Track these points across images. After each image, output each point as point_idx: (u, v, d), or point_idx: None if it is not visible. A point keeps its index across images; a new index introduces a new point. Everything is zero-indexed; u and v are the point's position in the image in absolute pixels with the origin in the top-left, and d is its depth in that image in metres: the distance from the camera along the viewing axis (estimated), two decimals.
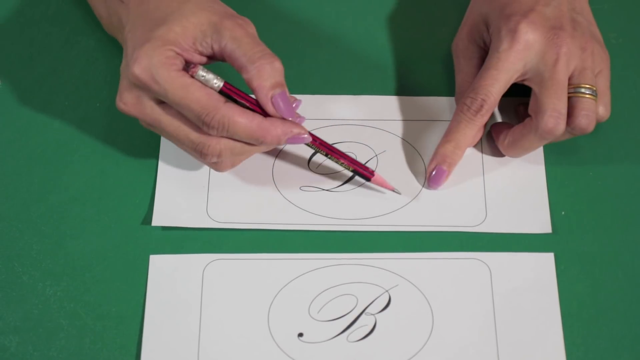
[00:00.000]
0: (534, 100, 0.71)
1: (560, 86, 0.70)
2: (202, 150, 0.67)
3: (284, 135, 0.67)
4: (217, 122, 0.66)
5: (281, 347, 0.68)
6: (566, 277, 0.71)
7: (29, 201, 0.74)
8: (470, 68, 0.75)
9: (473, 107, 0.71)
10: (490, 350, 0.68)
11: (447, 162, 0.73)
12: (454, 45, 0.77)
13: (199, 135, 0.67)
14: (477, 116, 0.72)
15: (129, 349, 0.68)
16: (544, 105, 0.70)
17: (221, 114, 0.66)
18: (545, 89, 0.70)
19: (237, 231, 0.73)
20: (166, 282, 0.70)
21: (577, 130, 0.71)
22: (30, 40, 0.81)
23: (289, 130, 0.67)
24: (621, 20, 0.82)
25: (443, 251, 0.72)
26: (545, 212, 0.73)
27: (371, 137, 0.77)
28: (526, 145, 0.72)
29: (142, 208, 0.73)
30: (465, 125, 0.72)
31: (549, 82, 0.70)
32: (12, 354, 0.68)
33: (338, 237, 0.72)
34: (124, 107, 0.68)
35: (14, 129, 0.77)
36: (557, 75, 0.70)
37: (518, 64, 0.70)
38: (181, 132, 0.68)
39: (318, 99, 0.78)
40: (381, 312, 0.70)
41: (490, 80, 0.71)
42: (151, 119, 0.68)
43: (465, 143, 0.73)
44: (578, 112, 0.70)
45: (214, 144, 0.67)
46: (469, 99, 0.72)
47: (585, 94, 0.71)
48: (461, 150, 0.73)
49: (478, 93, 0.71)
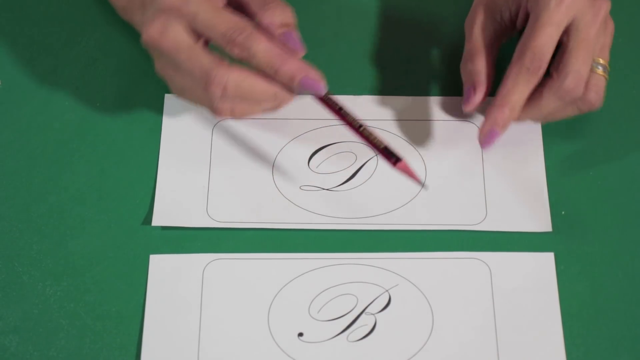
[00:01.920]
0: (559, 58, 0.71)
1: (589, 51, 0.70)
2: (209, 76, 0.67)
3: (299, 72, 0.68)
4: (243, 38, 0.67)
5: (281, 347, 0.68)
6: (566, 277, 0.71)
7: (29, 201, 0.74)
8: (482, 38, 0.74)
9: (533, 66, 0.70)
10: (490, 350, 0.68)
11: (501, 125, 0.71)
12: (468, 20, 0.76)
13: (212, 60, 0.67)
14: (536, 76, 0.70)
15: (129, 349, 0.68)
16: (570, 65, 0.69)
17: (248, 32, 0.67)
18: (576, 50, 0.70)
19: (237, 231, 0.73)
20: (166, 282, 0.70)
21: (586, 104, 0.72)
22: (30, 40, 0.81)
23: (305, 69, 0.68)
24: (621, 20, 0.82)
25: (443, 251, 0.72)
26: (546, 211, 0.73)
27: None
28: (543, 104, 0.71)
29: (142, 208, 0.73)
30: (524, 87, 0.70)
31: (582, 44, 0.69)
32: (12, 354, 0.68)
33: (338, 237, 0.72)
34: (149, 37, 0.68)
35: (14, 129, 0.77)
36: (590, 40, 0.70)
37: (567, 19, 0.69)
38: (194, 55, 0.68)
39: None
40: (381, 312, 0.70)
41: (546, 37, 0.69)
42: (171, 44, 0.68)
43: (521, 105, 0.71)
44: (590, 86, 0.71)
45: (222, 72, 0.67)
46: (529, 59, 0.70)
47: (599, 70, 0.71)
48: (516, 113, 0.71)
49: (537, 52, 0.69)
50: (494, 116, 0.71)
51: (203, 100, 0.70)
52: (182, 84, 0.70)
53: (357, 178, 0.75)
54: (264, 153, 0.76)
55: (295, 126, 0.77)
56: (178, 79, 0.70)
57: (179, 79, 0.70)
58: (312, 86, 0.69)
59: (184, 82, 0.70)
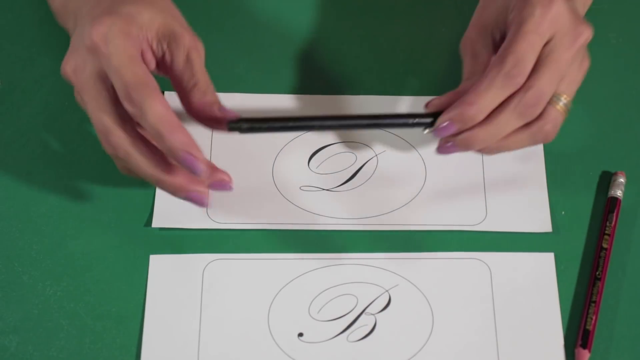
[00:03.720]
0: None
1: (558, 72, 0.67)
2: (105, 134, 0.65)
3: (182, 146, 0.63)
4: (137, 98, 0.63)
5: (281, 347, 0.68)
6: (566, 277, 0.71)
7: (29, 201, 0.74)
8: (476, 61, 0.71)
9: (513, 72, 0.65)
10: (490, 350, 0.68)
11: (460, 121, 0.66)
12: (462, 43, 0.73)
13: (111, 120, 0.65)
14: (512, 83, 0.66)
15: (129, 349, 0.68)
16: (535, 80, 0.66)
17: (144, 93, 0.63)
18: (544, 68, 0.67)
19: (237, 231, 0.73)
20: (166, 282, 0.70)
21: (541, 135, 0.68)
22: (30, 40, 0.81)
23: (189, 145, 0.64)
24: (621, 20, 0.82)
25: (443, 251, 0.72)
26: (546, 212, 0.73)
27: (371, 137, 0.77)
28: (502, 119, 0.66)
29: (142, 208, 0.73)
30: (498, 91, 0.66)
31: (553, 65, 0.67)
32: (12, 354, 0.68)
33: (338, 237, 0.72)
34: (66, 69, 0.66)
35: (14, 129, 0.77)
36: (561, 63, 0.67)
37: (549, 32, 0.67)
38: (100, 107, 0.65)
39: (318, 99, 0.78)
40: (381, 312, 0.70)
41: (529, 45, 0.66)
42: (82, 84, 0.66)
43: (487, 112, 0.67)
44: (549, 119, 0.68)
45: (117, 136, 0.65)
46: (510, 64, 0.65)
47: (559, 105, 0.68)
48: (481, 117, 0.66)
49: (519, 58, 0.65)
50: (458, 111, 0.66)
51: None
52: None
53: (357, 178, 0.75)
54: (264, 153, 0.76)
55: None
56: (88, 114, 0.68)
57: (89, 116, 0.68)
58: (191, 167, 0.64)
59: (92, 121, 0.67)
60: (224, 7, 0.83)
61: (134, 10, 0.66)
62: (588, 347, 0.67)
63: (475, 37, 0.71)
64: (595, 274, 0.70)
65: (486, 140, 0.67)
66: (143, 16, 0.66)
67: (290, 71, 0.80)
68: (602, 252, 0.71)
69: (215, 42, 0.72)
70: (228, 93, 0.78)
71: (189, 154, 0.64)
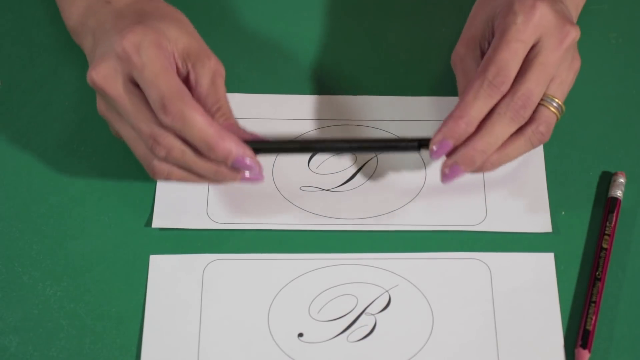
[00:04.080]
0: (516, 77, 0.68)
1: (546, 74, 0.67)
2: (156, 136, 0.65)
3: (235, 149, 0.65)
4: (176, 110, 0.63)
5: (281, 347, 0.68)
6: (566, 277, 0.71)
7: (29, 201, 0.74)
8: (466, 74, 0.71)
9: (496, 80, 0.66)
10: (490, 350, 0.68)
11: (455, 138, 0.67)
12: (453, 58, 0.73)
13: (155, 125, 0.65)
14: (497, 92, 0.67)
15: (129, 349, 0.68)
16: (523, 82, 0.67)
17: (183, 104, 0.64)
18: (532, 70, 0.67)
19: (237, 231, 0.73)
20: (166, 282, 0.70)
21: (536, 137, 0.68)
22: (30, 40, 0.81)
23: (242, 150, 0.65)
24: (621, 20, 0.82)
25: (443, 251, 0.72)
26: (546, 212, 0.73)
27: (371, 137, 0.77)
28: (496, 126, 0.67)
29: (142, 208, 0.73)
30: (484, 101, 0.66)
31: (540, 66, 0.67)
32: (12, 354, 0.68)
33: (338, 238, 0.72)
34: (96, 78, 0.66)
35: (14, 129, 0.77)
36: (549, 64, 0.67)
37: (533, 38, 0.67)
38: (141, 112, 0.65)
39: (318, 99, 0.78)
40: (381, 312, 0.70)
41: (511, 53, 0.66)
42: (118, 92, 0.66)
43: (477, 122, 0.67)
44: (541, 119, 0.68)
45: (168, 136, 0.65)
46: (492, 73, 0.66)
47: (552, 107, 0.68)
48: (472, 129, 0.67)
49: (501, 66, 0.66)
50: (449, 127, 0.67)
51: (142, 153, 0.67)
52: (124, 132, 0.68)
53: (357, 179, 0.75)
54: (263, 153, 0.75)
55: (295, 126, 0.77)
56: (120, 125, 0.68)
57: (121, 125, 0.68)
58: (247, 168, 0.66)
59: (126, 131, 0.68)
60: (224, 7, 0.83)
61: (162, 26, 0.67)
62: (588, 347, 0.67)
63: (464, 51, 0.72)
64: (595, 274, 0.70)
65: (485, 150, 0.67)
66: (171, 32, 0.67)
67: (290, 71, 0.80)
68: (602, 252, 0.71)
69: (215, 42, 0.72)
70: (228, 93, 0.77)
71: (243, 157, 0.65)
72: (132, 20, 0.68)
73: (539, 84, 0.67)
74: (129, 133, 0.68)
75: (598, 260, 0.71)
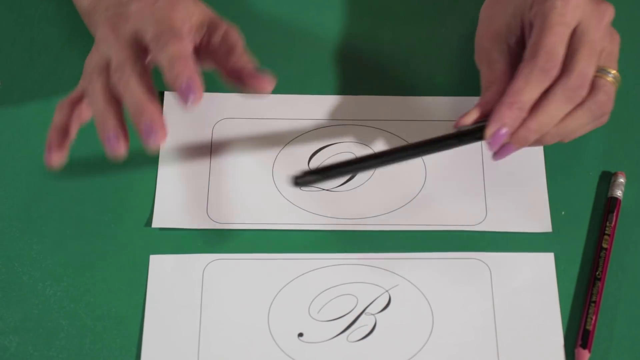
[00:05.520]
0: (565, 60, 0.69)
1: (594, 52, 0.69)
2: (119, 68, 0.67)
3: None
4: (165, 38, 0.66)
5: (281, 347, 0.68)
6: (566, 277, 0.71)
7: (29, 201, 0.74)
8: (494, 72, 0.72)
9: (547, 65, 0.67)
10: (490, 350, 0.68)
11: (509, 125, 0.68)
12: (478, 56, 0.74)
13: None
14: (548, 77, 0.68)
15: (129, 349, 0.68)
16: (575, 63, 0.68)
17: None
18: (581, 51, 0.68)
19: (237, 231, 0.73)
20: (166, 282, 0.71)
21: (597, 105, 0.69)
22: (30, 40, 0.81)
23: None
24: (621, 20, 0.82)
25: (443, 251, 0.72)
26: (546, 212, 0.73)
27: (371, 137, 0.77)
28: (552, 107, 0.68)
29: (142, 208, 0.73)
30: (536, 87, 0.67)
31: (587, 45, 0.68)
32: (12, 354, 0.68)
33: (338, 238, 0.72)
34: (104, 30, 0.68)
35: (14, 129, 0.77)
36: (595, 43, 0.69)
37: (574, 20, 0.69)
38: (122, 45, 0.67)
39: (318, 99, 0.78)
40: (381, 312, 0.70)
41: (558, 36, 0.68)
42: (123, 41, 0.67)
43: (529, 107, 0.68)
44: (599, 88, 0.69)
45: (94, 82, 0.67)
46: (543, 59, 0.67)
47: (609, 77, 0.70)
48: (524, 114, 0.68)
49: (550, 51, 0.67)
50: (502, 114, 0.68)
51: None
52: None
53: (357, 179, 0.75)
54: (264, 153, 0.76)
55: (295, 126, 0.77)
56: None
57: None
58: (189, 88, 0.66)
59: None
60: (224, 7, 0.83)
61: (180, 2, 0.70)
62: (588, 347, 0.67)
63: (490, 45, 0.73)
64: (595, 274, 0.70)
65: (539, 129, 0.68)
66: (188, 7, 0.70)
67: (291, 71, 0.80)
68: (602, 252, 0.71)
69: None
70: (228, 93, 0.78)
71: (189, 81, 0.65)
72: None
73: (591, 62, 0.69)
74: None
75: (598, 260, 0.71)
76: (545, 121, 0.68)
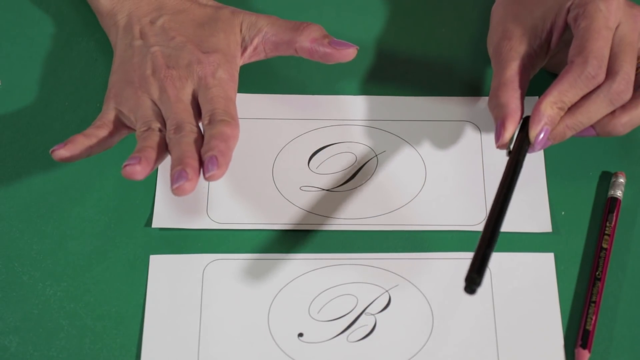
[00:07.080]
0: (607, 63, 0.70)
1: (634, 54, 0.70)
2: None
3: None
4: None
5: (281, 347, 0.68)
6: (566, 277, 0.71)
7: (29, 201, 0.74)
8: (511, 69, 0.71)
9: (596, 72, 0.68)
10: (490, 350, 0.68)
11: (549, 124, 0.69)
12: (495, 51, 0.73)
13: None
14: (595, 83, 0.68)
15: (129, 349, 0.68)
16: (618, 67, 0.68)
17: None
18: (623, 54, 0.69)
19: (237, 231, 0.73)
20: (166, 282, 0.71)
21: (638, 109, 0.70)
22: (30, 40, 0.81)
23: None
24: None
25: (443, 251, 0.72)
26: (546, 212, 0.73)
27: (371, 137, 0.77)
28: (593, 109, 0.69)
29: (142, 208, 0.73)
30: (580, 91, 0.68)
31: (628, 48, 0.69)
32: (12, 354, 0.68)
33: (338, 238, 0.72)
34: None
35: (14, 129, 0.77)
36: (634, 45, 0.70)
37: (617, 22, 0.70)
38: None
39: (318, 99, 0.78)
40: (381, 312, 0.70)
41: (605, 41, 0.68)
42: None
43: (569, 105, 0.69)
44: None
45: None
46: (593, 66, 0.68)
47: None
48: (562, 113, 0.69)
49: (600, 57, 0.68)
50: (543, 113, 0.68)
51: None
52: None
53: (357, 179, 0.75)
54: (264, 153, 0.76)
55: (295, 126, 0.77)
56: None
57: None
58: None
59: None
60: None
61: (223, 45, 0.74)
62: (588, 347, 0.67)
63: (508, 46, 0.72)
64: (595, 274, 0.70)
65: (576, 127, 0.70)
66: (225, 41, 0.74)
67: (291, 71, 0.80)
68: (602, 252, 0.71)
69: None
70: None
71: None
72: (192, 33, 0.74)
73: (633, 66, 0.69)
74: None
75: (598, 260, 0.71)
76: (582, 121, 0.69)
